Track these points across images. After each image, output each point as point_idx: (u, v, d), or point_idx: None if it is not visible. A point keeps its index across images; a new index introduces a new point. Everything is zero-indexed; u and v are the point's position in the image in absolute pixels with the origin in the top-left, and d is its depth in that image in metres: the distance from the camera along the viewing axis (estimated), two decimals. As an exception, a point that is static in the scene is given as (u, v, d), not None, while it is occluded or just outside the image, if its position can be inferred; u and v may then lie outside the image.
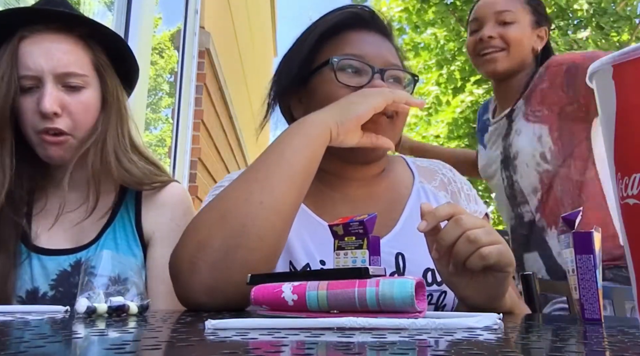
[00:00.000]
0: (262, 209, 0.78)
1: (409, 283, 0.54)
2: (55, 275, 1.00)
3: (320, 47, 0.98)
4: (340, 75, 0.93)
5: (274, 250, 0.80)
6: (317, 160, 0.84)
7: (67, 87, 0.99)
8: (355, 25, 0.98)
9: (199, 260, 0.76)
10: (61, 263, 1.01)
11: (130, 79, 1.14)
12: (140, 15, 2.29)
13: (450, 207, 0.75)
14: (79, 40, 1.03)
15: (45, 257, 1.01)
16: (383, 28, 1.01)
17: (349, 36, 0.97)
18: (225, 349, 0.36)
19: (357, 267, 0.61)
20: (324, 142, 0.85)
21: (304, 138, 0.83)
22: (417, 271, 0.91)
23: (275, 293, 0.63)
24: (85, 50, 1.03)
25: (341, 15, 0.99)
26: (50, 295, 0.99)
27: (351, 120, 0.85)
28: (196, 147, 3.58)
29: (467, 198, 1.04)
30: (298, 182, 0.81)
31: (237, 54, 5.72)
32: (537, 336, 0.49)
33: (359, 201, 0.98)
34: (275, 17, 12.10)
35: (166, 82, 3.62)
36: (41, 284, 0.99)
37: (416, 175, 1.05)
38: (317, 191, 0.98)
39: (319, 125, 0.85)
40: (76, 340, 0.43)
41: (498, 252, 0.72)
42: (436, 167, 1.09)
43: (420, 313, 0.55)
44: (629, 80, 0.40)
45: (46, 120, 0.97)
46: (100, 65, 1.05)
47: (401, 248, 0.92)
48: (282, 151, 0.82)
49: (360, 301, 0.56)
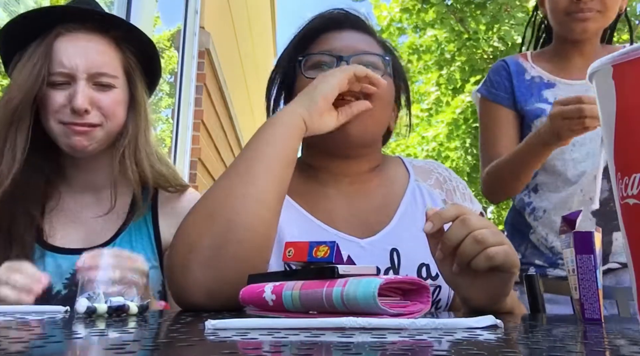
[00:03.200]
0: (246, 201, 0.79)
1: (373, 283, 0.53)
2: (69, 274, 1.01)
3: (301, 53, 1.01)
4: (308, 72, 0.97)
5: (264, 240, 0.80)
6: (293, 149, 0.86)
7: (97, 85, 1.01)
8: (330, 28, 1.02)
9: (190, 261, 0.77)
10: (75, 262, 1.00)
11: (152, 83, 1.16)
12: (140, 15, 2.29)
13: (455, 208, 0.75)
14: (112, 41, 1.05)
15: (59, 255, 1.02)
16: (358, 24, 1.04)
17: (323, 37, 1.01)
18: (225, 349, 0.36)
19: (326, 267, 0.60)
20: (298, 130, 0.86)
21: (277, 129, 0.86)
22: (411, 266, 0.92)
23: (258, 294, 0.63)
24: (117, 52, 1.05)
25: (316, 21, 1.03)
26: (63, 293, 1.00)
27: (318, 101, 0.87)
28: (196, 147, 3.58)
29: (463, 197, 1.05)
30: (277, 171, 0.83)
31: (237, 54, 5.72)
32: (537, 336, 0.48)
33: (352, 197, 0.99)
34: (275, 17, 12.09)
35: (166, 82, 3.61)
36: (55, 282, 0.99)
37: (412, 174, 1.06)
38: (311, 189, 0.99)
39: (289, 115, 0.87)
40: (76, 340, 0.43)
41: (505, 252, 0.72)
42: (432, 167, 1.10)
43: (414, 314, 0.54)
44: (629, 80, 0.40)
45: (76, 116, 0.99)
46: (130, 68, 1.07)
47: (396, 244, 0.93)
48: (258, 144, 0.84)
49: (328, 301, 0.56)
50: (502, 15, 9.60)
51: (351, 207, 0.98)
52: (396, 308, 0.53)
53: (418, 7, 10.01)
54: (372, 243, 0.93)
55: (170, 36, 3.32)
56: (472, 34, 9.60)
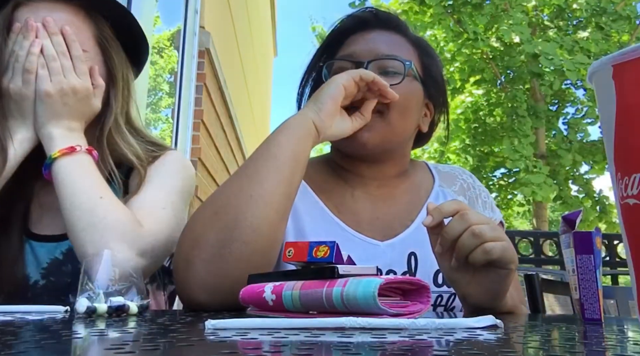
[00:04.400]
0: (253, 201, 0.79)
1: (373, 283, 0.53)
2: (46, 263, 0.95)
3: (329, 58, 1.01)
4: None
5: (270, 243, 0.80)
6: (303, 153, 0.85)
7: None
8: (357, 29, 1.00)
9: (194, 257, 0.77)
10: (52, 251, 0.95)
11: (138, 57, 1.05)
12: (140, 15, 2.29)
13: (455, 203, 0.76)
14: (79, 10, 0.95)
15: (36, 242, 0.96)
16: (388, 23, 1.01)
17: (349, 40, 1.00)
18: (225, 349, 0.36)
19: (326, 267, 0.60)
20: (308, 133, 0.86)
21: (287, 132, 0.86)
22: (428, 271, 0.92)
23: (258, 293, 0.63)
24: (86, 22, 0.95)
25: (344, 22, 1.02)
26: (41, 284, 0.94)
27: (325, 103, 0.87)
28: (196, 146, 3.58)
29: (484, 205, 1.06)
30: (286, 174, 0.82)
31: (237, 54, 5.72)
32: (537, 336, 0.49)
33: (378, 200, 1.00)
34: (275, 17, 12.10)
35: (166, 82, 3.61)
36: (32, 272, 0.94)
37: (437, 179, 1.07)
38: (338, 188, 1.00)
39: (299, 119, 0.87)
40: (76, 340, 0.43)
41: (502, 247, 0.73)
42: (457, 173, 1.10)
43: (414, 314, 0.54)
44: (629, 80, 0.40)
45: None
46: (104, 40, 0.97)
47: (414, 248, 0.93)
48: (268, 147, 0.84)
49: (328, 301, 0.56)
50: (500, 16, 9.61)
51: (376, 210, 0.98)
52: (396, 308, 0.53)
53: (415, 8, 10.03)
54: (391, 246, 0.94)
55: (170, 36, 3.33)
56: (471, 34, 9.61)
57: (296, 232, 0.91)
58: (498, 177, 11.17)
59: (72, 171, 0.88)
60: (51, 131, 0.90)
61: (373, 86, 0.89)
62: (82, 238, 0.84)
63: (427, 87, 1.00)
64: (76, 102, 0.91)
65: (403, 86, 0.93)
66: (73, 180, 0.88)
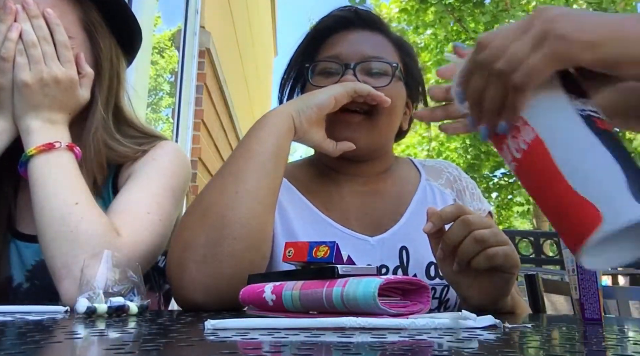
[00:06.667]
0: (239, 197, 0.79)
1: (373, 283, 0.53)
2: (31, 265, 0.90)
3: (312, 56, 1.00)
4: (315, 79, 0.97)
5: (260, 236, 0.80)
6: (283, 147, 0.86)
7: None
8: (340, 28, 1.00)
9: (186, 259, 0.77)
10: (38, 252, 0.87)
11: (130, 45, 0.99)
12: (141, 15, 2.29)
13: (455, 208, 0.76)
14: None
15: (21, 242, 0.91)
16: (370, 23, 1.01)
17: (332, 40, 1.00)
18: (225, 349, 0.36)
19: (326, 267, 0.60)
20: (288, 129, 0.87)
21: (267, 127, 0.86)
22: (420, 265, 0.93)
23: (258, 293, 0.63)
24: (70, 4, 0.89)
25: (326, 21, 1.02)
26: (25, 287, 0.90)
27: (311, 107, 0.88)
28: (196, 146, 3.58)
29: (472, 197, 1.06)
30: (269, 168, 0.83)
31: (237, 53, 5.72)
32: (537, 336, 0.48)
33: (366, 196, 1.00)
34: (275, 17, 12.09)
35: (166, 82, 3.61)
36: (16, 273, 0.90)
37: (423, 173, 1.07)
38: (325, 187, 1.00)
39: (280, 115, 0.88)
40: (76, 340, 0.43)
41: (504, 253, 0.73)
42: (442, 166, 1.11)
43: (414, 314, 0.54)
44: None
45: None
46: (91, 25, 0.91)
47: (405, 242, 0.93)
48: (249, 143, 0.85)
49: (328, 301, 0.56)
50: (501, 15, 9.60)
51: (364, 205, 0.99)
52: (396, 308, 0.53)
53: (416, 7, 10.01)
54: (381, 241, 0.94)
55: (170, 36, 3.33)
56: (472, 33, 9.60)
57: (287, 233, 0.91)
58: (498, 177, 11.16)
59: (48, 171, 0.81)
60: (29, 123, 0.84)
61: (368, 99, 0.90)
62: (51, 249, 0.77)
63: (409, 87, 1.02)
64: (59, 92, 0.84)
65: (390, 88, 0.94)
66: (47, 182, 0.81)
